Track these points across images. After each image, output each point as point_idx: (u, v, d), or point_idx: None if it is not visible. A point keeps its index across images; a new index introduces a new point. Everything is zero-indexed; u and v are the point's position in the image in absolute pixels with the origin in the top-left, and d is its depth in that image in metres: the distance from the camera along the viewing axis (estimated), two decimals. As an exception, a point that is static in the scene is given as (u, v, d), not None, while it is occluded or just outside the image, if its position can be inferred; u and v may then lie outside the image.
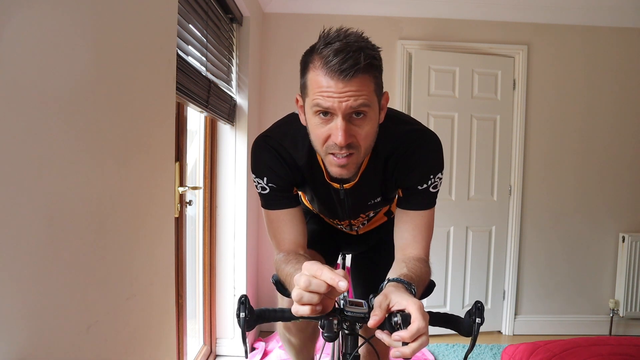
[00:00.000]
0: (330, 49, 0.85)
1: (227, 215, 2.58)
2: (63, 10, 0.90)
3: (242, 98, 2.61)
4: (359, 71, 0.85)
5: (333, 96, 0.86)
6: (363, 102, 0.87)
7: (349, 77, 0.84)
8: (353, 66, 0.84)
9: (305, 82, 0.92)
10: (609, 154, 3.10)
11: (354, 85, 0.85)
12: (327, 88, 0.86)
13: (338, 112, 0.87)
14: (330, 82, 0.86)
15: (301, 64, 0.94)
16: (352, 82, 0.85)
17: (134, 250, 1.25)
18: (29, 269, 0.82)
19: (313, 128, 0.93)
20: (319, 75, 0.87)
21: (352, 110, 0.87)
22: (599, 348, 1.65)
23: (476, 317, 0.81)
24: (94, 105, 1.02)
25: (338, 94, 0.85)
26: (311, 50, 0.92)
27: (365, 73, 0.86)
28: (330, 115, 0.89)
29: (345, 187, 1.09)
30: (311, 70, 0.90)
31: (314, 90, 0.88)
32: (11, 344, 0.78)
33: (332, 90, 0.86)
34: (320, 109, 0.88)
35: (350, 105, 0.86)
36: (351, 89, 0.85)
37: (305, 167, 1.07)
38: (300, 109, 1.01)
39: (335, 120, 0.88)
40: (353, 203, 1.15)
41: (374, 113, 0.92)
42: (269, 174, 1.06)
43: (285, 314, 0.89)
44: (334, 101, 0.86)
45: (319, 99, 0.87)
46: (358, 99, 0.86)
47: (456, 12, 2.99)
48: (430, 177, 1.04)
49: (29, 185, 0.81)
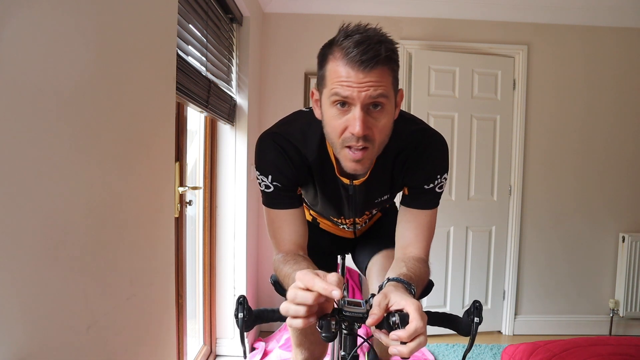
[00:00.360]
0: (351, 41, 0.86)
1: (227, 215, 2.58)
2: (63, 11, 0.90)
3: (242, 98, 2.61)
4: (380, 62, 0.86)
5: (352, 86, 0.86)
6: (382, 93, 0.87)
7: (370, 67, 0.85)
8: (374, 57, 0.85)
9: (323, 73, 0.93)
10: (609, 153, 3.10)
11: (373, 76, 0.86)
12: (346, 78, 0.87)
13: (357, 101, 0.87)
14: (350, 72, 0.86)
15: (319, 57, 0.95)
16: (372, 73, 0.86)
17: (134, 250, 1.26)
18: (29, 269, 0.82)
19: (330, 119, 0.93)
20: (338, 66, 0.88)
21: (370, 100, 0.87)
22: (599, 348, 1.65)
23: (474, 316, 0.81)
24: (94, 105, 1.02)
25: (358, 84, 0.86)
26: (330, 43, 0.92)
27: (385, 65, 0.87)
28: (348, 105, 0.89)
29: (355, 184, 1.09)
30: (330, 61, 0.90)
31: (333, 80, 0.89)
32: (11, 344, 0.78)
33: (352, 80, 0.86)
34: (339, 98, 0.88)
35: (369, 95, 0.86)
36: (371, 80, 0.86)
37: (315, 162, 1.07)
38: (315, 103, 1.00)
39: (353, 111, 0.88)
40: (361, 200, 1.15)
41: (390, 106, 0.92)
42: (274, 173, 1.05)
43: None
44: (353, 90, 0.86)
45: (337, 88, 0.88)
46: (377, 89, 0.87)
47: (456, 12, 2.99)
48: (437, 177, 1.06)
49: (28, 185, 0.82)
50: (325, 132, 0.97)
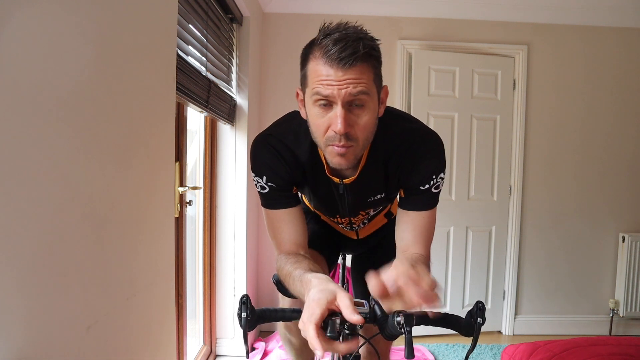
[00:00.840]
0: (330, 39, 0.87)
1: (227, 215, 2.58)
2: (63, 11, 0.90)
3: (242, 98, 2.61)
4: (358, 59, 0.86)
5: (332, 84, 0.87)
6: (362, 90, 0.87)
7: (348, 65, 0.85)
8: (352, 54, 0.85)
9: (305, 73, 0.93)
10: (609, 153, 3.10)
11: (353, 73, 0.86)
12: (326, 76, 0.87)
13: (338, 99, 0.87)
14: (329, 70, 0.87)
15: (301, 57, 0.95)
16: (351, 70, 0.86)
17: (134, 250, 1.25)
18: (29, 269, 0.82)
19: (313, 119, 0.94)
20: (318, 65, 0.88)
21: (351, 97, 0.88)
22: (599, 348, 1.65)
23: (477, 317, 0.81)
24: (94, 105, 1.02)
25: (337, 81, 0.86)
26: (311, 42, 0.93)
27: (364, 62, 0.87)
28: (329, 104, 0.89)
29: (345, 182, 1.09)
30: (311, 60, 0.91)
31: (314, 79, 0.89)
32: (11, 344, 0.78)
33: (332, 79, 0.87)
34: (320, 97, 0.89)
35: (349, 92, 0.87)
36: (350, 77, 0.86)
37: (307, 162, 1.07)
38: (300, 103, 1.01)
39: (335, 109, 0.89)
40: (353, 199, 1.15)
41: (373, 103, 0.92)
42: (269, 173, 1.06)
43: (286, 314, 0.89)
44: (333, 89, 0.87)
45: (318, 87, 0.88)
46: (357, 86, 0.87)
47: (456, 12, 2.99)
48: (433, 177, 1.04)
49: (28, 186, 0.81)
50: (311, 132, 0.98)
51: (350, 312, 0.68)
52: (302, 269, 0.94)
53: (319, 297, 0.72)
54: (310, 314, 0.70)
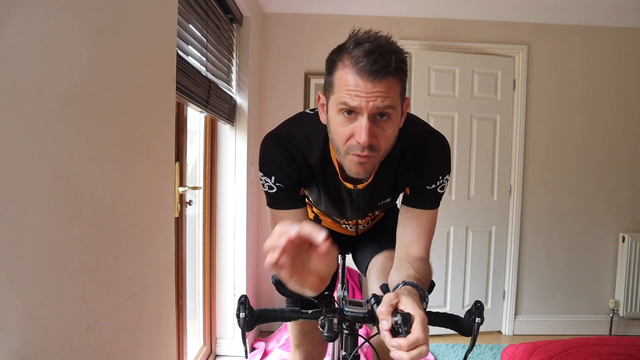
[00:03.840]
0: (361, 49, 0.86)
1: (227, 215, 2.58)
2: (63, 10, 0.90)
3: (242, 98, 2.61)
4: (389, 73, 0.86)
5: (361, 95, 0.86)
6: (389, 104, 0.87)
7: (379, 78, 0.85)
8: (384, 68, 0.85)
9: (332, 80, 0.93)
10: (609, 153, 3.10)
11: (382, 87, 0.86)
12: (355, 87, 0.87)
13: (364, 111, 0.87)
14: (359, 81, 0.86)
15: (328, 62, 0.95)
16: (381, 83, 0.86)
17: (134, 250, 1.25)
18: (30, 270, 0.82)
19: (336, 126, 0.93)
20: (348, 74, 0.88)
21: (377, 110, 0.88)
22: (599, 348, 1.65)
23: (476, 316, 0.81)
24: (94, 105, 1.02)
25: (366, 93, 0.86)
26: (340, 49, 0.92)
27: (394, 76, 0.87)
28: (354, 114, 0.89)
29: (359, 187, 1.09)
30: (340, 68, 0.90)
31: (342, 88, 0.89)
32: (11, 344, 0.78)
33: (361, 90, 0.86)
34: (347, 107, 0.89)
35: (377, 105, 0.87)
36: (379, 90, 0.86)
37: (317, 165, 1.07)
38: (321, 107, 1.01)
39: (360, 120, 0.89)
40: (364, 203, 1.16)
41: (397, 116, 0.92)
42: (278, 174, 1.06)
43: (285, 314, 0.89)
44: (361, 100, 0.86)
45: (346, 97, 0.88)
46: (385, 100, 0.87)
47: (456, 12, 2.99)
48: (439, 178, 1.06)
49: (29, 186, 0.81)
50: (331, 138, 0.98)
51: (317, 234, 0.68)
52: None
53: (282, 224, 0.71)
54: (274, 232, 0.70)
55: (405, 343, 0.70)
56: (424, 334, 0.71)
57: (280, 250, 0.67)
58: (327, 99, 0.96)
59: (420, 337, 0.70)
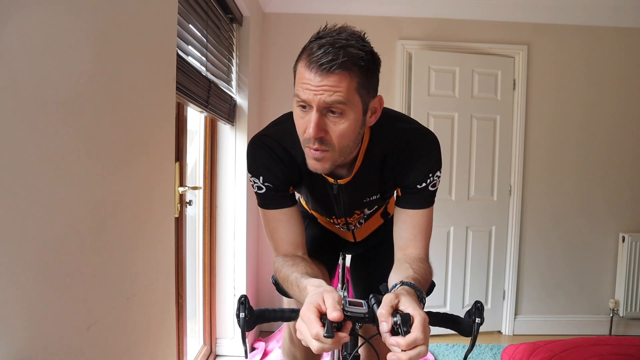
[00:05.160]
0: (317, 43, 0.87)
1: (227, 215, 2.58)
2: (63, 10, 0.90)
3: (242, 98, 2.61)
4: (336, 67, 0.85)
5: (310, 88, 0.87)
6: (337, 100, 0.87)
7: (326, 71, 0.85)
8: (331, 61, 0.84)
9: (294, 73, 0.95)
10: (609, 153, 3.10)
11: (330, 81, 0.86)
12: (307, 80, 0.87)
13: (313, 104, 0.88)
14: (310, 74, 0.87)
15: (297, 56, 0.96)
16: (330, 77, 0.85)
17: (134, 250, 1.25)
18: (30, 269, 0.82)
19: (295, 119, 0.96)
20: (302, 67, 0.89)
21: (325, 104, 0.87)
22: (599, 348, 1.65)
23: (476, 317, 0.81)
24: (94, 105, 1.02)
25: (314, 87, 0.87)
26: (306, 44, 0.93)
27: (345, 70, 0.86)
28: (308, 107, 0.90)
29: (340, 183, 1.09)
30: (299, 62, 0.92)
31: (298, 81, 0.91)
32: (11, 344, 0.78)
33: (310, 83, 0.87)
34: (299, 100, 0.90)
35: (323, 99, 0.87)
36: (327, 84, 0.86)
37: (303, 163, 1.07)
38: None
39: (310, 113, 0.90)
40: (348, 199, 1.15)
41: (352, 113, 0.91)
42: (265, 174, 1.06)
43: (285, 314, 0.89)
44: (309, 93, 0.87)
45: (299, 90, 0.89)
46: (333, 95, 0.86)
47: (456, 12, 2.99)
48: (429, 176, 1.04)
49: (29, 186, 0.81)
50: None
51: (331, 310, 0.71)
52: (299, 272, 0.95)
53: (309, 301, 0.76)
54: (304, 320, 0.74)
55: (404, 342, 0.70)
56: (423, 334, 0.71)
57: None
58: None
59: (419, 337, 0.70)
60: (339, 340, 0.71)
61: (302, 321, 0.73)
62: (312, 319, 0.71)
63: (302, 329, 0.73)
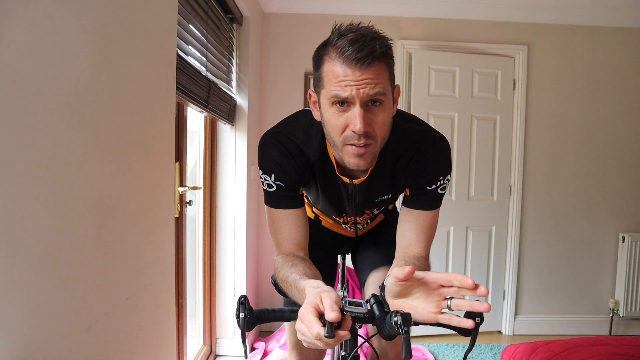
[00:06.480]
0: (345, 40, 0.87)
1: (227, 215, 2.58)
2: (63, 10, 0.90)
3: (242, 98, 2.61)
4: (375, 59, 0.86)
5: (351, 84, 0.87)
6: (380, 91, 0.88)
7: (366, 64, 0.85)
8: (369, 54, 0.85)
9: (320, 74, 0.93)
10: (609, 153, 3.10)
11: (370, 73, 0.86)
12: (344, 77, 0.87)
13: (356, 100, 0.88)
14: (347, 70, 0.86)
15: (314, 59, 0.95)
16: (369, 69, 0.86)
17: (134, 250, 1.25)
18: (29, 270, 0.82)
19: (329, 119, 0.93)
20: (335, 66, 0.88)
21: (369, 98, 0.88)
22: (599, 348, 1.65)
23: (475, 317, 0.81)
24: (94, 105, 1.02)
25: (355, 82, 0.86)
26: (325, 44, 0.93)
27: (381, 61, 0.88)
28: (347, 104, 0.90)
29: (355, 182, 1.09)
30: (327, 62, 0.90)
31: (331, 80, 0.89)
32: (11, 344, 0.78)
33: (350, 79, 0.86)
34: (338, 99, 0.89)
35: (367, 92, 0.87)
36: (368, 77, 0.86)
37: (317, 162, 1.07)
38: (313, 105, 1.01)
39: (353, 109, 0.89)
40: (362, 199, 1.15)
41: (389, 102, 0.93)
42: (277, 172, 1.06)
43: (284, 314, 0.89)
44: (351, 89, 0.87)
45: (337, 89, 0.88)
46: (375, 86, 0.87)
47: (456, 12, 2.99)
48: (440, 179, 1.06)
49: (29, 185, 0.81)
50: (326, 132, 0.97)
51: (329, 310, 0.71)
52: (298, 273, 0.95)
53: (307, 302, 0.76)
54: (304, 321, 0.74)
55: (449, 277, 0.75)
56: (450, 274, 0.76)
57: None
58: (318, 94, 0.96)
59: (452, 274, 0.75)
60: (340, 338, 0.71)
61: (302, 322, 0.73)
62: (312, 320, 0.71)
63: (303, 330, 0.73)
